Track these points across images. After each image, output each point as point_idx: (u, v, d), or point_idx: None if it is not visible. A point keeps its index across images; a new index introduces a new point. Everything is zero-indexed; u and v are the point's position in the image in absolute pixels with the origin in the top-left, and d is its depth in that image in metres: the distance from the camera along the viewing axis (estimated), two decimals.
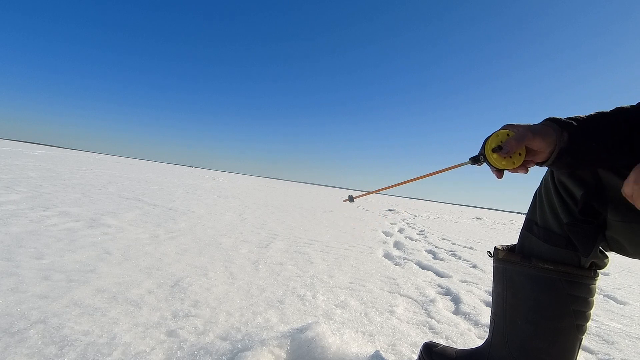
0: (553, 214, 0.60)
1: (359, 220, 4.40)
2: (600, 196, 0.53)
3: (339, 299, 1.24)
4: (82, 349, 0.71)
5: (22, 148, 14.94)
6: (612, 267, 2.67)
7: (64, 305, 0.90)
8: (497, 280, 0.67)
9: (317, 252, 2.03)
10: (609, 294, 1.77)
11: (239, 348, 0.78)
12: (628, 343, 1.13)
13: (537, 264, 0.59)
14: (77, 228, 1.76)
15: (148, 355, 0.72)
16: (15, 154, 8.52)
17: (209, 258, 1.56)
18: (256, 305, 1.08)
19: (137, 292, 1.05)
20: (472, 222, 7.10)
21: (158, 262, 1.39)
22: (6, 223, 1.65)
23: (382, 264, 1.95)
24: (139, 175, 7.54)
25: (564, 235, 0.58)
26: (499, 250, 0.67)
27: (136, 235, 1.79)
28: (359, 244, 2.49)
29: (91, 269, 1.19)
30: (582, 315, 0.58)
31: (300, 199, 7.87)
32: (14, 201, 2.23)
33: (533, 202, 0.66)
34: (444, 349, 0.77)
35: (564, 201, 0.58)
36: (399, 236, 3.29)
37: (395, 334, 0.99)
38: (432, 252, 2.56)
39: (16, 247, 1.31)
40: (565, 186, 0.58)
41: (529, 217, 0.66)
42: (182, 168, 29.05)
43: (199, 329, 0.86)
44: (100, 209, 2.40)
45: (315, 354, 0.77)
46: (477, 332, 1.09)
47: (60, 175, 4.53)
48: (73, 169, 6.34)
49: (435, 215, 8.14)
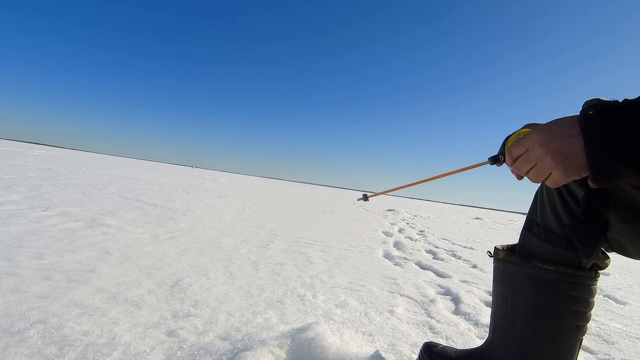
0: (554, 214, 0.60)
1: (359, 220, 4.40)
2: (602, 197, 0.52)
3: (339, 299, 1.24)
4: (82, 349, 0.71)
5: (22, 148, 14.94)
6: (612, 267, 2.67)
7: (64, 305, 0.90)
8: (497, 280, 0.67)
9: (317, 252, 2.03)
10: (609, 294, 1.77)
11: (239, 348, 0.78)
12: (628, 343, 1.13)
13: (537, 264, 0.59)
14: (77, 228, 1.76)
15: (148, 355, 0.72)
16: (15, 154, 8.52)
17: (209, 258, 1.56)
18: (256, 305, 1.08)
19: (137, 292, 1.05)
20: (472, 222, 7.09)
21: (158, 262, 1.39)
22: (6, 223, 1.65)
23: (382, 264, 1.95)
24: (139, 175, 7.54)
25: (565, 236, 0.57)
26: (499, 251, 0.66)
27: (136, 235, 1.79)
28: (359, 244, 2.49)
29: (91, 269, 1.19)
30: (582, 316, 0.58)
31: (300, 199, 7.87)
32: (14, 201, 2.23)
33: (534, 202, 0.66)
34: (444, 349, 0.77)
35: (565, 201, 0.58)
36: (399, 236, 3.29)
37: (395, 334, 0.99)
38: (432, 252, 2.56)
39: (16, 247, 1.31)
40: (567, 186, 0.57)
41: (530, 217, 0.66)
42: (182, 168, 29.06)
43: (199, 329, 0.86)
44: (100, 209, 2.40)
45: (315, 354, 0.77)
46: (477, 332, 1.09)
47: (60, 175, 4.53)
48: (73, 169, 6.34)
49: (435, 215, 8.14)
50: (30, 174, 4.17)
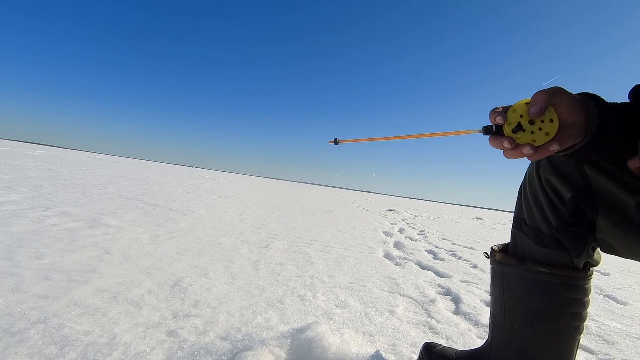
0: (541, 214, 0.59)
1: (359, 220, 4.40)
2: (590, 199, 0.51)
3: (339, 299, 1.24)
4: (83, 349, 0.71)
5: (22, 148, 14.95)
6: (612, 267, 2.67)
7: (64, 305, 0.90)
8: (495, 283, 0.66)
9: (317, 252, 2.03)
10: (609, 294, 1.77)
11: (239, 348, 0.78)
12: (628, 343, 1.13)
13: (532, 267, 0.59)
14: (77, 228, 1.76)
15: (148, 355, 0.72)
16: (15, 154, 8.53)
17: (209, 258, 1.56)
18: (256, 305, 1.08)
19: (137, 292, 1.05)
20: (473, 222, 7.09)
21: (158, 262, 1.39)
22: (6, 223, 1.65)
23: (383, 264, 1.95)
24: (139, 175, 7.54)
25: (554, 237, 0.57)
26: (496, 252, 0.66)
27: (136, 235, 1.79)
28: (359, 244, 2.49)
29: (91, 269, 1.19)
30: (578, 316, 0.58)
31: (301, 199, 7.87)
32: (14, 201, 2.23)
33: (519, 199, 0.65)
34: (444, 349, 0.77)
35: (551, 202, 0.57)
36: (399, 236, 3.29)
37: (395, 334, 0.99)
38: (432, 252, 2.56)
39: (16, 247, 1.31)
40: (553, 185, 0.56)
41: (517, 215, 0.65)
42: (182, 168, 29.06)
43: (199, 329, 0.86)
44: (100, 209, 2.41)
45: (315, 354, 0.77)
46: (477, 332, 1.09)
47: (60, 175, 4.53)
48: (73, 169, 6.34)
49: (436, 215, 8.13)
50: (31, 174, 4.17)
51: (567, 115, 0.41)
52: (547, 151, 0.42)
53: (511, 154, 0.43)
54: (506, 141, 0.41)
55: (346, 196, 14.64)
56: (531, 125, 0.42)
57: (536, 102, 0.41)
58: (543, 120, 0.41)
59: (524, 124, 0.42)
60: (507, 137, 0.42)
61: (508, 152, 0.43)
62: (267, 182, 22.91)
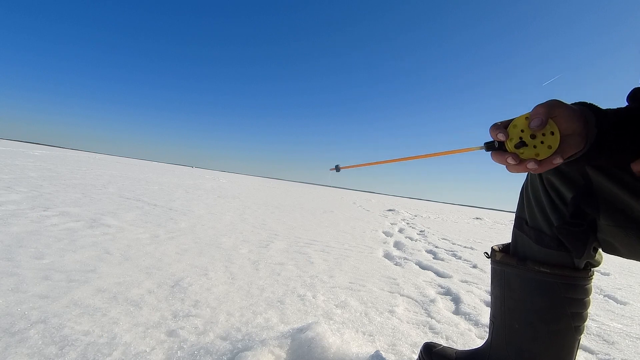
0: (542, 214, 0.59)
1: (359, 220, 4.40)
2: (591, 199, 0.51)
3: (339, 299, 1.24)
4: (83, 349, 0.71)
5: (22, 148, 14.95)
6: (612, 267, 2.67)
7: (64, 305, 0.90)
8: (495, 283, 0.66)
9: (317, 252, 2.03)
10: (609, 294, 1.77)
11: (239, 348, 0.78)
12: (628, 343, 1.13)
13: (533, 267, 0.59)
14: (77, 228, 1.76)
15: (148, 355, 0.72)
16: (15, 154, 8.53)
17: (209, 258, 1.56)
18: (256, 305, 1.08)
19: (137, 292, 1.05)
20: (473, 222, 7.09)
21: (158, 262, 1.39)
22: (6, 223, 1.65)
23: (383, 264, 1.95)
24: (139, 175, 7.54)
25: (555, 237, 0.57)
26: (496, 252, 0.66)
27: (136, 235, 1.79)
28: (359, 244, 2.49)
29: (91, 268, 1.19)
30: (579, 317, 0.58)
31: (301, 199, 7.87)
32: (14, 201, 2.24)
33: (520, 199, 0.65)
34: (444, 349, 0.77)
35: (553, 202, 0.57)
36: (399, 236, 3.29)
37: (395, 334, 0.99)
38: (432, 252, 2.56)
39: (16, 247, 1.31)
40: (554, 186, 0.57)
41: (519, 215, 0.65)
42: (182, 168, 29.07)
43: (199, 329, 0.86)
44: (100, 209, 2.41)
45: (315, 354, 0.77)
46: (478, 332, 1.09)
47: (60, 175, 4.53)
48: (73, 169, 6.34)
49: (436, 215, 8.14)
50: (31, 174, 4.17)
51: (567, 126, 0.42)
52: (550, 164, 0.42)
53: (515, 169, 0.43)
54: (510, 157, 0.42)
55: (346, 196, 14.64)
56: (533, 140, 0.42)
57: (536, 116, 0.41)
58: (544, 134, 0.42)
59: (525, 139, 0.42)
60: (510, 153, 0.42)
61: (512, 167, 0.43)
62: (267, 182, 22.91)
